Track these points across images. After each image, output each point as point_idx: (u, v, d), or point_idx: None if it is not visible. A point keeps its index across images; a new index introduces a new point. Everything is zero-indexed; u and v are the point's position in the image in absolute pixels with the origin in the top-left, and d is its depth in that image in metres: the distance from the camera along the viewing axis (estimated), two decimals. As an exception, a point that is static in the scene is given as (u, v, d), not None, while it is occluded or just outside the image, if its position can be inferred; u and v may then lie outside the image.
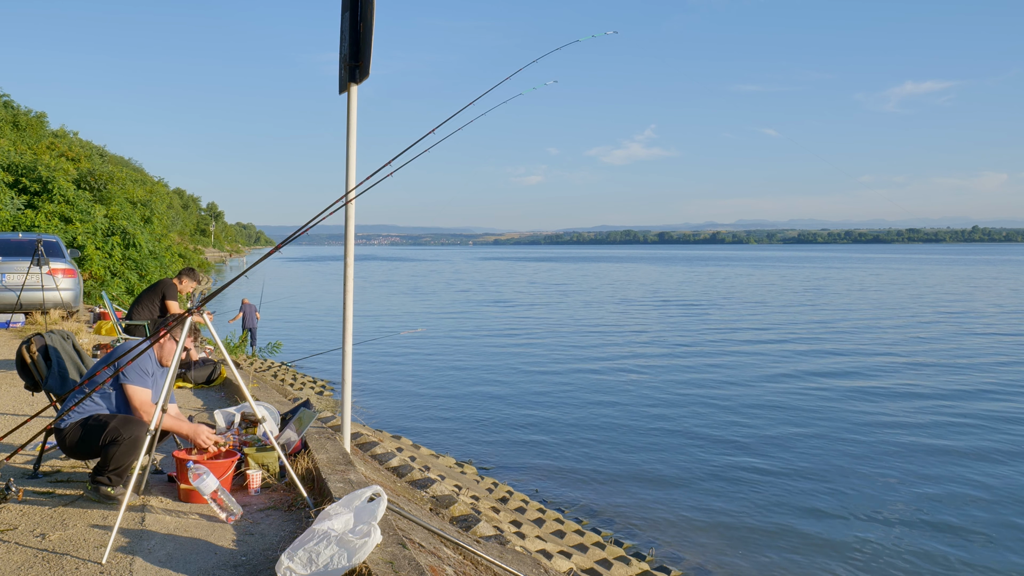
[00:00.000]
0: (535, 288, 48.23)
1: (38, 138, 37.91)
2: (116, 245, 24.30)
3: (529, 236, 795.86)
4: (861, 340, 21.74)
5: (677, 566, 6.99)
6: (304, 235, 4.09)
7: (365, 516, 3.38)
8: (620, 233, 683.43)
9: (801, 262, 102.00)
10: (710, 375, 16.29)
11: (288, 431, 5.04)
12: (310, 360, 16.35)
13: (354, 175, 5.18)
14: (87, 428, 4.23)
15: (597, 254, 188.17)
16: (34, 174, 23.76)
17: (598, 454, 10.47)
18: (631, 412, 12.86)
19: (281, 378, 13.72)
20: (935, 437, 11.25)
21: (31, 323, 12.71)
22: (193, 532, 3.84)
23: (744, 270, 75.31)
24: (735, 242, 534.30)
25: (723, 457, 10.29)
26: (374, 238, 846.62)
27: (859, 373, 16.43)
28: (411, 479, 7.30)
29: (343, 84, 5.21)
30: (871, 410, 12.91)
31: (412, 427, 11.85)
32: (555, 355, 19.31)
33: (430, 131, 4.27)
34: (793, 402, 13.56)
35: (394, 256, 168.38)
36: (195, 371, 8.15)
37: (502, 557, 5.00)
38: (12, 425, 5.84)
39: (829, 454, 10.40)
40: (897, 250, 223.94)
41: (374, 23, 4.90)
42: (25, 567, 3.38)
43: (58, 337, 5.15)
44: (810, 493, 8.92)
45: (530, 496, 8.68)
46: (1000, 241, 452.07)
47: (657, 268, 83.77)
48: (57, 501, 4.23)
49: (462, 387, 15.20)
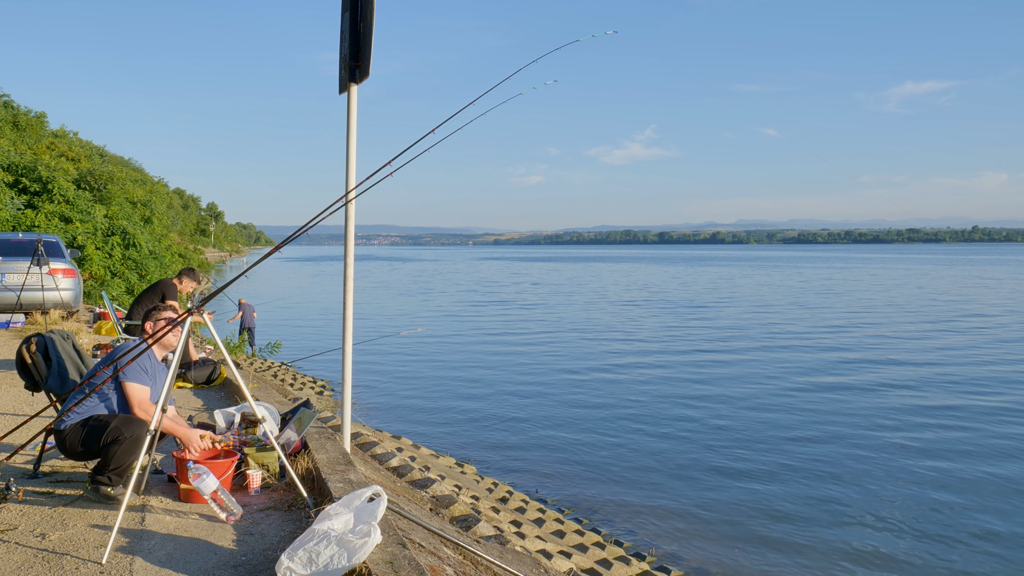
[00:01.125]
0: (536, 288, 48.23)
1: (38, 138, 37.92)
2: (116, 245, 24.30)
3: (529, 236, 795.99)
4: (862, 340, 21.74)
5: (677, 566, 6.99)
6: (304, 235, 4.10)
7: (365, 516, 3.38)
8: (620, 233, 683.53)
9: (801, 262, 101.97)
10: (710, 375, 16.29)
11: (288, 431, 5.04)
12: (310, 360, 16.35)
13: (354, 175, 5.18)
14: (88, 429, 4.23)
15: (597, 254, 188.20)
16: (34, 174, 23.76)
17: (598, 454, 10.47)
18: (631, 412, 12.85)
19: (281, 378, 13.72)
20: (935, 437, 11.25)
21: (31, 323, 12.71)
22: (193, 532, 3.84)
23: (744, 270, 75.30)
24: (735, 242, 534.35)
25: (724, 457, 10.29)
26: (374, 238, 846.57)
27: (861, 374, 16.42)
28: (411, 479, 7.30)
29: (343, 84, 5.21)
30: (873, 410, 12.91)
31: (412, 427, 11.85)
32: (556, 355, 19.31)
33: (430, 131, 4.27)
34: (794, 402, 13.56)
35: (394, 256, 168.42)
36: (195, 371, 8.15)
37: (502, 557, 5.00)
38: (12, 425, 5.84)
39: (830, 455, 10.40)
40: (897, 250, 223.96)
41: (374, 23, 4.91)
42: (25, 567, 3.38)
43: (58, 337, 5.15)
44: (811, 493, 8.91)
45: (530, 496, 8.69)
46: (1000, 241, 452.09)
47: (658, 268, 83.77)
48: (57, 501, 4.23)
49: (462, 387, 15.20)
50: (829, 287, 46.59)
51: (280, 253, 5.39)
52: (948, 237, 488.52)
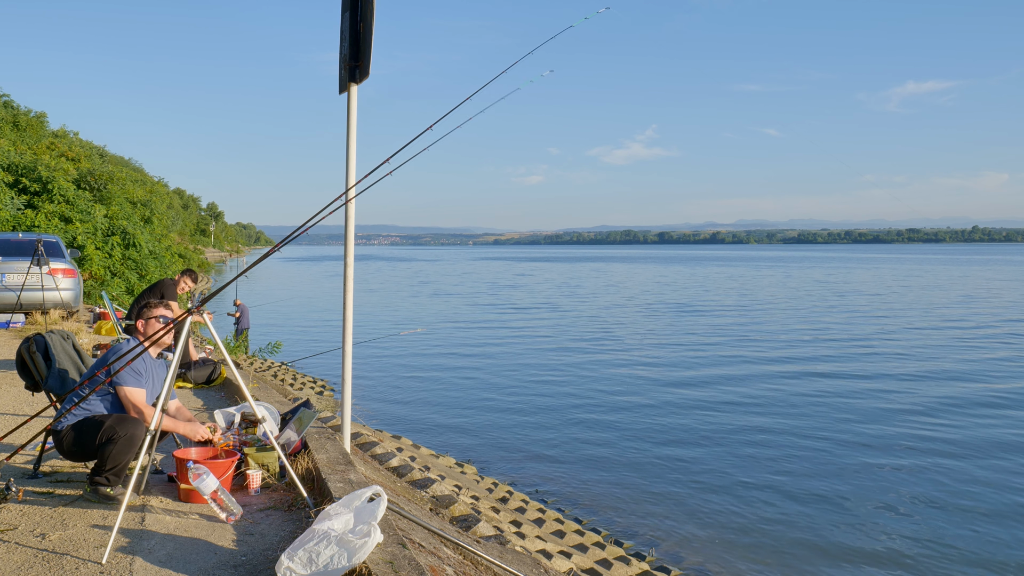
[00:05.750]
0: (537, 288, 48.21)
1: (38, 138, 37.92)
2: (116, 245, 24.29)
3: (529, 236, 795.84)
4: (865, 341, 21.73)
5: (677, 566, 6.99)
6: (304, 235, 4.09)
7: (365, 516, 3.38)
8: (620, 233, 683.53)
9: (803, 262, 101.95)
10: (711, 376, 16.29)
11: (288, 431, 5.04)
12: (310, 360, 16.33)
13: (354, 175, 5.17)
14: (83, 429, 4.23)
15: (597, 254, 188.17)
16: (34, 174, 23.75)
17: (599, 454, 10.47)
18: (632, 412, 12.85)
19: (281, 378, 13.71)
20: (936, 437, 11.24)
21: (31, 323, 12.71)
22: (193, 532, 3.84)
23: (745, 270, 75.30)
24: (735, 242, 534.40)
25: (724, 457, 10.29)
26: (374, 238, 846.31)
27: (865, 374, 16.42)
28: (411, 479, 7.30)
29: (343, 84, 5.21)
30: (875, 411, 12.90)
31: (412, 427, 11.85)
32: (556, 355, 19.30)
33: (428, 127, 4.27)
34: (796, 403, 13.56)
35: (394, 256, 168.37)
36: (195, 371, 8.15)
37: (502, 557, 5.00)
38: (12, 425, 5.84)
39: (831, 455, 10.39)
40: (897, 250, 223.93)
41: (374, 23, 4.90)
42: (25, 567, 3.37)
43: (58, 337, 5.14)
44: (812, 493, 8.91)
45: (530, 496, 8.68)
46: (1000, 241, 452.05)
47: (660, 268, 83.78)
48: (57, 501, 4.23)
49: (462, 387, 15.20)
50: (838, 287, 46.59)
51: (280, 253, 5.39)
52: (948, 237, 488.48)
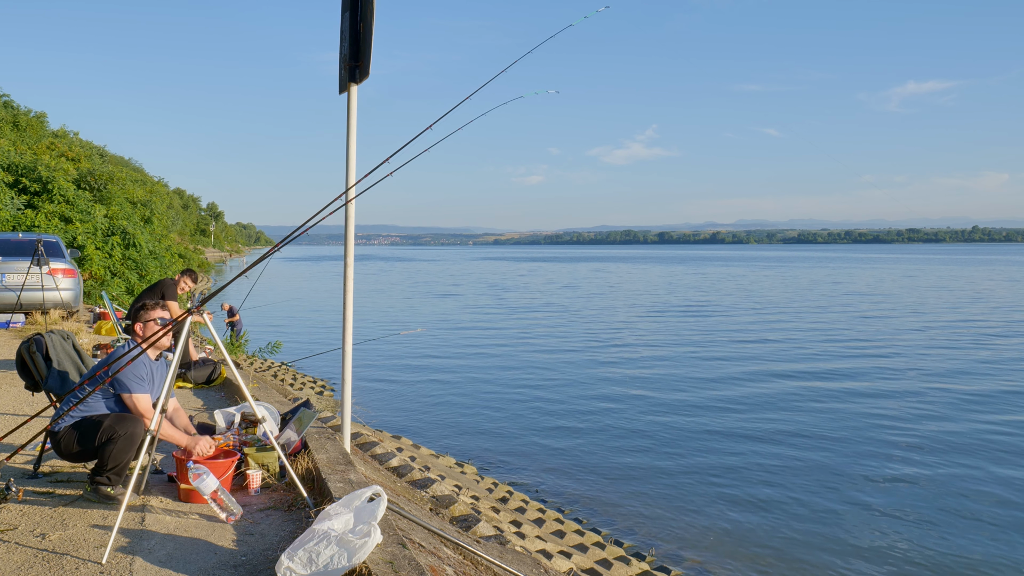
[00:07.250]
0: (537, 288, 48.22)
1: (38, 138, 37.91)
2: (116, 245, 24.29)
3: (529, 236, 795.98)
4: (866, 341, 21.73)
5: (677, 566, 6.98)
6: (304, 235, 4.09)
7: (365, 516, 3.38)
8: (620, 233, 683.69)
9: (803, 262, 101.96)
10: (711, 376, 16.28)
11: (288, 431, 5.04)
12: (310, 360, 16.33)
13: (354, 175, 5.17)
14: (82, 429, 4.22)
15: (597, 254, 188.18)
16: (34, 174, 23.75)
17: (599, 454, 10.47)
18: (632, 412, 12.85)
19: (281, 378, 13.71)
20: (938, 436, 11.24)
21: (31, 323, 12.70)
22: (193, 532, 3.84)
23: (745, 270, 75.30)
24: (735, 242, 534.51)
25: (724, 457, 10.29)
26: (374, 238, 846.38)
27: (866, 375, 16.41)
28: (411, 479, 7.30)
29: (343, 84, 5.21)
30: (876, 411, 12.90)
31: (412, 427, 11.84)
32: (556, 355, 19.30)
33: (428, 126, 4.27)
34: (796, 403, 13.55)
35: (394, 256, 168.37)
36: (195, 371, 8.15)
37: (502, 557, 5.00)
38: (12, 425, 5.84)
39: (832, 455, 10.39)
40: (897, 250, 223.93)
41: (374, 23, 4.91)
42: (25, 567, 3.37)
43: (58, 337, 5.15)
44: (812, 493, 8.91)
45: (530, 496, 8.68)
46: (1000, 241, 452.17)
47: (660, 268, 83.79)
48: (57, 501, 4.23)
49: (462, 387, 15.20)
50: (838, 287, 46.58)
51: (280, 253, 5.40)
52: (948, 237, 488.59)
